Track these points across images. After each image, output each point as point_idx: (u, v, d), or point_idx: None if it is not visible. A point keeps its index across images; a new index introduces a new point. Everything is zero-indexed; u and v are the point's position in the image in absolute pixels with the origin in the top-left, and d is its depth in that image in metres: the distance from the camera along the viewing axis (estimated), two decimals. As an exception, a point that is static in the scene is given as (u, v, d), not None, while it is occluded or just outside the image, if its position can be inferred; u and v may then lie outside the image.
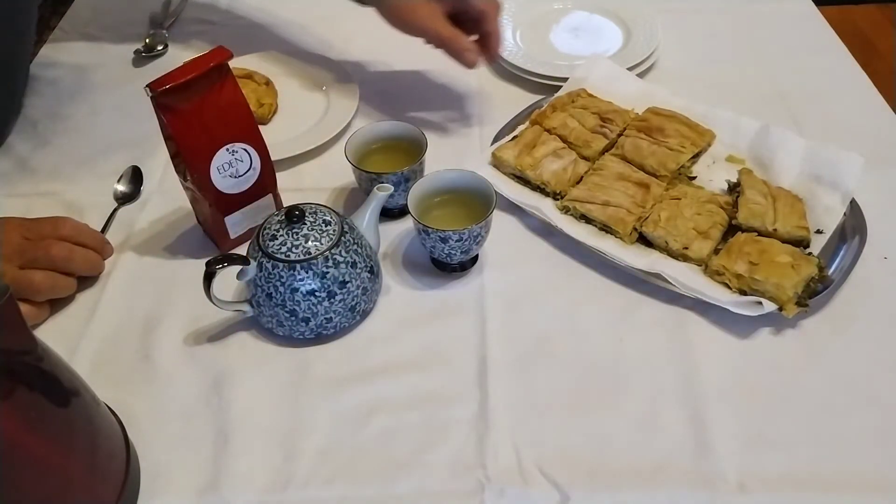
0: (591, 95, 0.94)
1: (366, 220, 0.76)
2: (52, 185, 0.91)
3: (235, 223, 0.80)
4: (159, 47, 1.12)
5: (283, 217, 0.71)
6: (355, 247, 0.73)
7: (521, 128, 0.92)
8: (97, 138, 0.97)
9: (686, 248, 0.77)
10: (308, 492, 0.63)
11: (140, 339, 0.74)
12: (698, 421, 0.66)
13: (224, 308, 0.73)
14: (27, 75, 1.04)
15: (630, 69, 1.01)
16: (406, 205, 0.76)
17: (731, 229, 0.80)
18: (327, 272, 0.70)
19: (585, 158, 0.88)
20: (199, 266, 0.69)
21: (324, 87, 1.03)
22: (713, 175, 0.87)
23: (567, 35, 1.11)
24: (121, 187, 0.89)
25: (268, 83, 1.01)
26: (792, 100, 0.99)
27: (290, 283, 0.70)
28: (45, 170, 0.93)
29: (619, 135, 0.90)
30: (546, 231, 0.83)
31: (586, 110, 0.91)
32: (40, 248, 0.73)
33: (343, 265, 0.71)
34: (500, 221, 0.84)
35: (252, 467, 0.64)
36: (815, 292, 0.74)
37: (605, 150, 0.89)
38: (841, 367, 0.70)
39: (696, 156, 0.89)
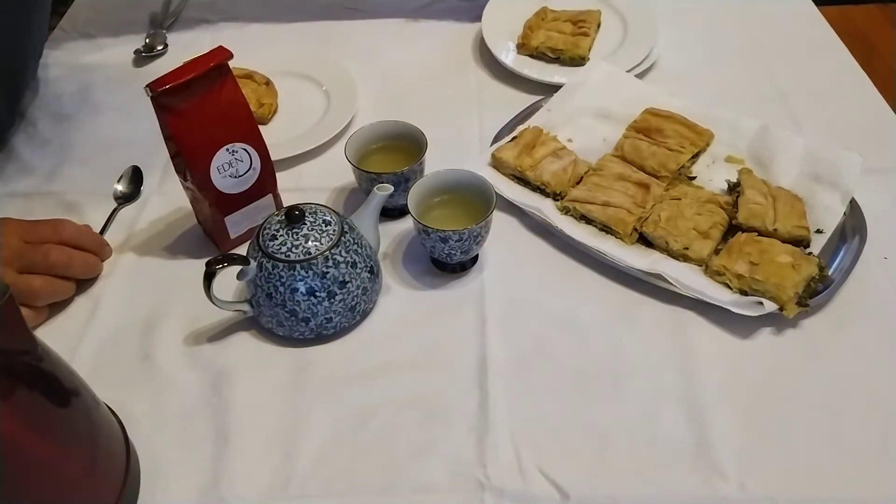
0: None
1: (366, 220, 0.76)
2: (52, 185, 0.91)
3: (235, 223, 0.80)
4: (159, 47, 1.12)
5: (283, 217, 0.71)
6: (355, 247, 0.73)
7: (520, 128, 0.92)
8: (97, 138, 0.97)
9: (686, 249, 0.77)
10: (308, 491, 0.63)
11: (140, 339, 0.74)
12: (698, 421, 0.66)
13: (224, 308, 0.73)
14: (32, 79, 1.04)
15: (629, 70, 1.01)
16: (406, 205, 0.76)
17: (732, 229, 0.80)
18: (327, 272, 0.70)
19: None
20: (199, 266, 0.69)
21: (324, 87, 1.03)
22: (713, 175, 0.87)
23: None
24: (121, 187, 0.89)
25: (268, 83, 1.01)
26: (792, 100, 0.99)
27: (290, 283, 0.70)
28: (45, 170, 0.93)
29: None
30: (546, 231, 0.83)
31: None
32: (39, 252, 0.73)
33: (343, 265, 0.71)
34: (500, 221, 0.84)
35: (252, 467, 0.64)
36: (816, 292, 0.74)
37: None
38: (841, 367, 0.70)
39: (696, 156, 0.89)
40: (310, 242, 0.70)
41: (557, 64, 1.05)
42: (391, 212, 0.85)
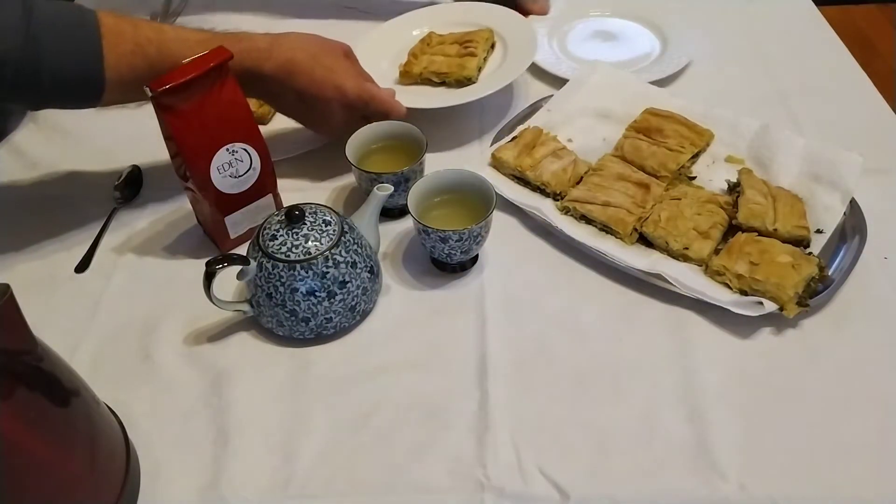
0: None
1: (366, 220, 0.76)
2: (53, 184, 0.91)
3: (235, 223, 0.80)
4: (159, 47, 1.12)
5: (283, 217, 0.71)
6: (355, 247, 0.73)
7: (520, 128, 0.92)
8: (97, 138, 0.97)
9: (686, 249, 0.77)
10: (308, 491, 0.63)
11: (140, 339, 0.74)
12: (698, 421, 0.66)
13: (224, 308, 0.73)
14: None
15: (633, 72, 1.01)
16: (406, 205, 0.76)
17: (732, 229, 0.80)
18: (327, 272, 0.70)
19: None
20: (199, 266, 0.69)
21: (324, 87, 1.02)
22: (713, 175, 0.87)
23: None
24: (121, 187, 0.89)
25: (268, 83, 1.00)
26: (792, 100, 0.99)
27: (290, 283, 0.70)
28: (45, 169, 0.93)
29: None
30: (546, 231, 0.83)
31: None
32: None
33: (343, 265, 0.71)
34: (500, 221, 0.84)
35: (252, 467, 0.64)
36: (816, 292, 0.74)
37: None
38: (841, 367, 0.70)
39: (696, 156, 0.89)
40: (310, 242, 0.70)
41: (444, 87, 0.99)
42: (391, 212, 0.85)
